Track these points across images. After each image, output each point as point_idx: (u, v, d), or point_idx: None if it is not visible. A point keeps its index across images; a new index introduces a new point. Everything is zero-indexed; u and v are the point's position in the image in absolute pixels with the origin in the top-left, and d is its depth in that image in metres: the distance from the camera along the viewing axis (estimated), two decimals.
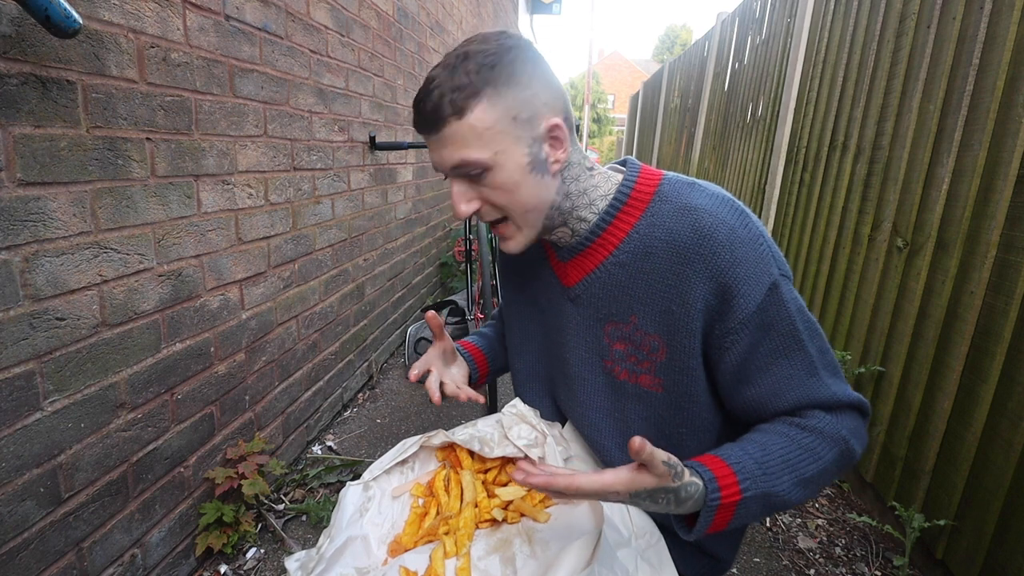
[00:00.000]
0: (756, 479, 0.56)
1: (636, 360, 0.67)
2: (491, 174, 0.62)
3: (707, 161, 4.44)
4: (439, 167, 0.64)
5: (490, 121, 0.59)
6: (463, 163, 0.61)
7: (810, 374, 0.62)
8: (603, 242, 0.68)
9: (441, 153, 0.62)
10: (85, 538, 1.04)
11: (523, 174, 0.62)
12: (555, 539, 0.57)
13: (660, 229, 0.64)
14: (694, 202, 0.63)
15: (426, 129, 0.62)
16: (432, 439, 0.72)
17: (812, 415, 0.62)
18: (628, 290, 0.66)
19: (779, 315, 0.62)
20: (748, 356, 0.62)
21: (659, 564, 0.61)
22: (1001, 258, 1.27)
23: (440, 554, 0.57)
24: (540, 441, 0.69)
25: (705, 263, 0.61)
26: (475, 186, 0.63)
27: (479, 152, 0.60)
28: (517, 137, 0.61)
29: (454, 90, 0.58)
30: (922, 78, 1.64)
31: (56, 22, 0.82)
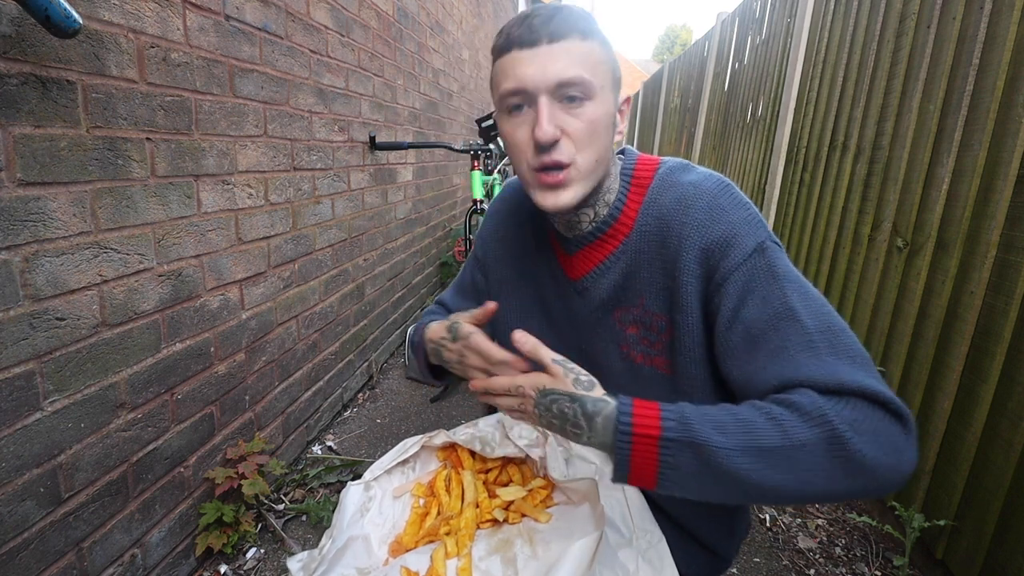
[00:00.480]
0: (686, 423, 0.50)
1: (649, 342, 0.67)
2: (589, 104, 0.60)
3: (707, 161, 4.44)
4: (536, 82, 0.59)
5: (603, 58, 0.61)
6: (577, 81, 0.58)
7: (805, 349, 0.54)
8: (613, 233, 0.68)
9: (550, 65, 0.58)
10: (85, 538, 1.04)
11: (608, 122, 0.62)
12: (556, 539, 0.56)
13: (655, 209, 0.65)
14: (682, 180, 0.65)
15: (540, 36, 0.58)
16: (433, 439, 0.72)
17: (798, 392, 0.52)
18: (634, 276, 0.67)
19: (765, 280, 0.58)
20: (731, 322, 0.59)
21: (660, 564, 0.61)
22: (1001, 258, 1.27)
23: (441, 554, 0.57)
24: (541, 441, 0.69)
25: (688, 232, 0.61)
26: (564, 115, 0.60)
27: (592, 76, 0.59)
28: (612, 87, 0.63)
29: (581, 17, 0.60)
30: (922, 78, 1.64)
31: (56, 22, 0.82)
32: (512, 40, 0.60)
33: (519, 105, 0.62)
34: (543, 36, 0.58)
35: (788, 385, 0.53)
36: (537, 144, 0.60)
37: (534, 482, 0.67)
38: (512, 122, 0.63)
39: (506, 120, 0.64)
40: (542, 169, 0.61)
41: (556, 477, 0.64)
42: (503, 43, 0.62)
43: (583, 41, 0.59)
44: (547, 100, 0.60)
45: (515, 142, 0.64)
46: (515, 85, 0.60)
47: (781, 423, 0.50)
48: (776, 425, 0.50)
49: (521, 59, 0.59)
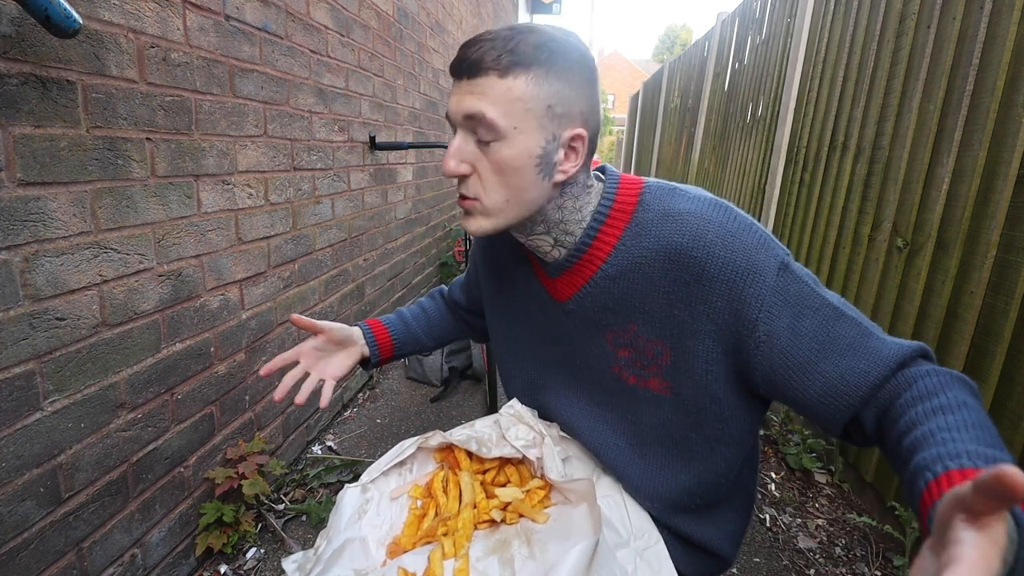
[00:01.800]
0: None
1: (642, 365, 0.66)
2: (499, 145, 0.59)
3: (707, 161, 4.44)
4: (452, 114, 0.61)
5: (526, 95, 0.57)
6: (479, 116, 0.58)
7: (869, 336, 0.58)
8: (590, 257, 0.66)
9: (463, 99, 0.59)
10: (85, 538, 1.05)
11: (528, 164, 0.60)
12: (553, 540, 0.56)
13: (647, 239, 0.63)
14: (677, 207, 0.62)
15: (462, 71, 0.59)
16: (429, 440, 0.72)
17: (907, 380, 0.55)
18: (623, 301, 0.65)
19: (802, 290, 0.59)
20: (792, 342, 0.58)
21: (658, 565, 0.61)
22: (1001, 258, 1.27)
23: (438, 555, 0.57)
24: (538, 442, 0.69)
25: (704, 265, 0.59)
26: (476, 150, 0.60)
27: (500, 116, 0.57)
28: (541, 126, 0.59)
29: (508, 51, 0.57)
30: (922, 78, 1.64)
31: (56, 22, 0.82)
32: (452, 65, 0.60)
33: (454, 133, 0.63)
34: (464, 70, 0.58)
35: (883, 377, 0.56)
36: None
37: (531, 483, 0.67)
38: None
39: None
40: (459, 196, 0.64)
41: (553, 478, 0.64)
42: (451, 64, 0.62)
43: (500, 79, 0.57)
44: (461, 134, 0.60)
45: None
46: (447, 111, 0.62)
47: (974, 409, 0.51)
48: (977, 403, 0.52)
49: (453, 87, 0.61)
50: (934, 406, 0.51)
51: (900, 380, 0.56)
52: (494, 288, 0.83)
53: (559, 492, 0.65)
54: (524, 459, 0.68)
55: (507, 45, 0.57)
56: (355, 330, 0.88)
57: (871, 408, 0.57)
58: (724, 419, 0.66)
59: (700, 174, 4.66)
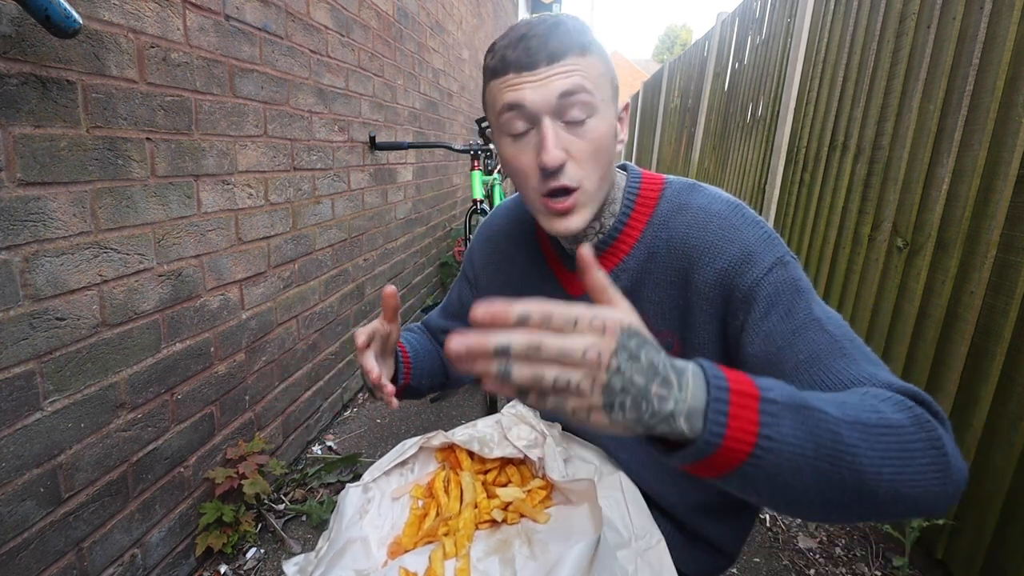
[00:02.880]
0: (783, 387, 0.42)
1: None
2: (592, 122, 0.58)
3: (707, 161, 4.44)
4: (536, 102, 0.57)
5: (603, 71, 0.60)
6: (578, 90, 0.56)
7: (840, 356, 0.52)
8: (614, 249, 0.68)
9: (550, 84, 0.56)
10: (85, 538, 1.04)
11: (611, 136, 0.61)
12: (554, 540, 0.56)
13: (661, 230, 0.65)
14: (690, 202, 0.64)
15: (539, 59, 0.56)
16: (431, 440, 0.72)
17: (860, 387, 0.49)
18: (637, 294, 0.66)
19: (787, 293, 0.57)
20: (753, 338, 0.57)
21: (659, 566, 0.61)
22: (1001, 258, 1.27)
23: (439, 555, 0.57)
24: (540, 442, 0.69)
25: (700, 253, 0.61)
26: (567, 135, 0.58)
27: (595, 90, 0.58)
28: (613, 99, 0.61)
29: (577, 31, 0.58)
30: (922, 78, 1.64)
31: (56, 22, 0.82)
32: (508, 63, 0.58)
33: (522, 131, 0.59)
34: (542, 58, 0.56)
35: (842, 387, 0.50)
36: (543, 169, 0.58)
37: (533, 482, 0.67)
38: (514, 147, 0.61)
39: (508, 145, 0.62)
40: (549, 195, 0.60)
41: (555, 478, 0.64)
42: (498, 65, 0.59)
43: (582, 57, 0.57)
44: (550, 122, 0.58)
45: (518, 167, 0.61)
46: (516, 108, 0.58)
47: (867, 402, 0.44)
48: (864, 402, 0.44)
49: (520, 82, 0.57)
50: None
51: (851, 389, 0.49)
52: (499, 289, 0.82)
53: (560, 492, 0.65)
54: (526, 459, 0.68)
55: (573, 27, 0.58)
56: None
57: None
58: None
59: (700, 174, 4.66)
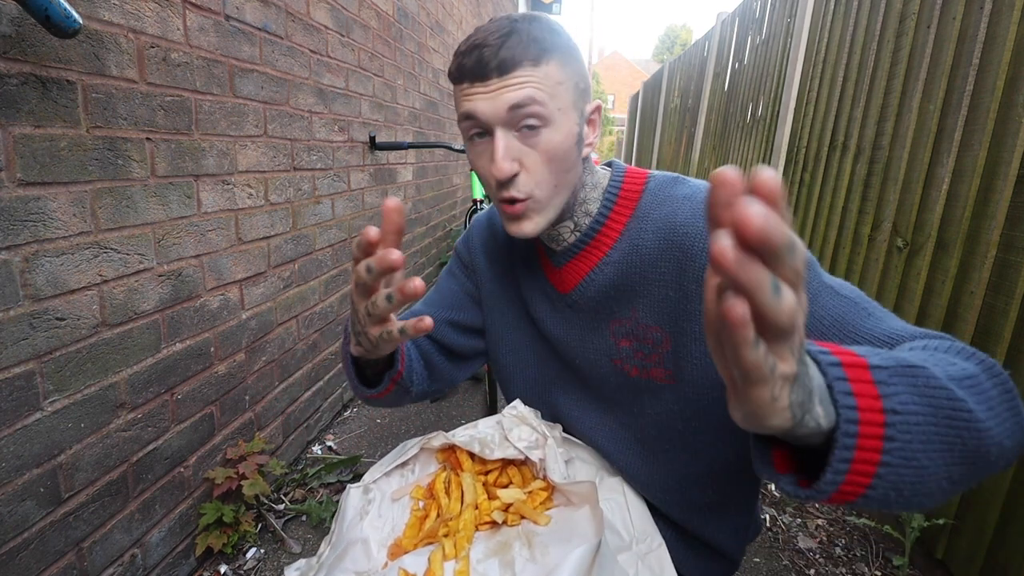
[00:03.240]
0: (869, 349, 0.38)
1: (643, 355, 0.66)
2: (546, 132, 0.58)
3: (707, 161, 4.44)
4: (487, 113, 0.57)
5: (561, 78, 0.58)
6: (528, 103, 0.56)
7: (865, 316, 0.52)
8: (597, 243, 0.68)
9: (500, 95, 0.56)
10: (85, 538, 1.04)
11: (571, 144, 0.60)
12: (555, 542, 0.56)
13: (646, 222, 0.65)
14: (676, 193, 0.64)
15: (489, 71, 0.56)
16: (432, 441, 0.72)
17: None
18: (624, 287, 0.66)
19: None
20: None
21: (660, 569, 0.61)
22: (1001, 258, 1.27)
23: (439, 556, 0.57)
24: (541, 443, 0.69)
25: (694, 241, 0.60)
26: (520, 146, 0.59)
27: (548, 100, 0.57)
28: (574, 104, 0.60)
29: (533, 40, 0.57)
30: (922, 78, 1.64)
31: (56, 22, 0.82)
32: (464, 72, 0.58)
33: (480, 133, 0.60)
34: (492, 69, 0.56)
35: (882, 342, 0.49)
36: (495, 179, 0.59)
37: (534, 484, 0.66)
38: (474, 151, 0.62)
39: (470, 148, 0.63)
40: (502, 201, 0.61)
41: (556, 479, 0.64)
42: (455, 71, 0.59)
43: (535, 68, 0.56)
44: (502, 133, 0.58)
45: (479, 171, 0.63)
46: (470, 116, 0.59)
47: (939, 354, 0.41)
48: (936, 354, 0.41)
49: (473, 93, 0.58)
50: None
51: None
52: (494, 292, 0.82)
53: (561, 494, 0.65)
54: (527, 460, 0.68)
55: (528, 35, 0.57)
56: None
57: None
58: (726, 405, 0.65)
59: (700, 174, 4.66)
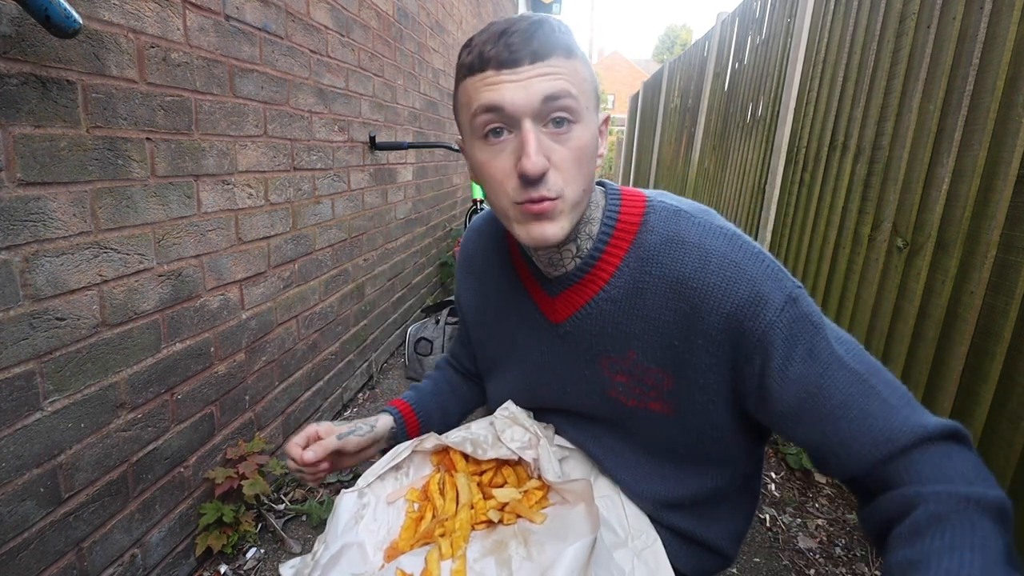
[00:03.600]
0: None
1: (642, 391, 0.64)
2: (578, 129, 0.54)
3: (707, 161, 4.44)
4: (518, 103, 0.52)
5: (587, 76, 0.56)
6: (563, 95, 0.53)
7: (868, 398, 0.52)
8: (594, 276, 0.63)
9: (534, 84, 0.52)
10: (85, 538, 1.05)
11: (594, 146, 0.57)
12: (551, 541, 0.56)
13: (651, 264, 0.60)
14: (683, 235, 0.59)
15: (522, 55, 0.52)
16: (424, 443, 0.71)
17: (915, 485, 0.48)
18: (623, 327, 0.62)
19: (804, 331, 0.54)
20: (781, 385, 0.54)
21: (656, 565, 0.61)
22: (1001, 258, 1.27)
23: (436, 556, 0.57)
24: (534, 443, 0.69)
25: (704, 296, 0.56)
26: (549, 142, 0.54)
27: (580, 95, 0.54)
28: (595, 108, 0.58)
29: (562, 32, 0.54)
30: (922, 78, 1.64)
31: (56, 22, 0.83)
32: (487, 59, 0.53)
33: (497, 130, 0.55)
34: (525, 55, 0.52)
35: (878, 457, 0.51)
36: (522, 176, 0.53)
37: (529, 483, 0.67)
38: (489, 150, 0.56)
39: (481, 148, 0.57)
40: (526, 201, 0.55)
41: (550, 478, 0.64)
42: (475, 61, 0.54)
43: (568, 60, 0.54)
44: (532, 126, 0.53)
45: (492, 173, 0.56)
46: (495, 110, 0.53)
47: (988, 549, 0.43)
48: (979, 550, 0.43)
49: (500, 80, 0.53)
50: (941, 546, 0.43)
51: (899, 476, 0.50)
52: (480, 316, 0.80)
53: (556, 492, 0.65)
54: (520, 460, 0.68)
55: (558, 27, 0.54)
56: (380, 428, 0.78)
57: (864, 482, 0.54)
58: (725, 443, 0.65)
59: (700, 174, 4.66)
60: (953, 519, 0.44)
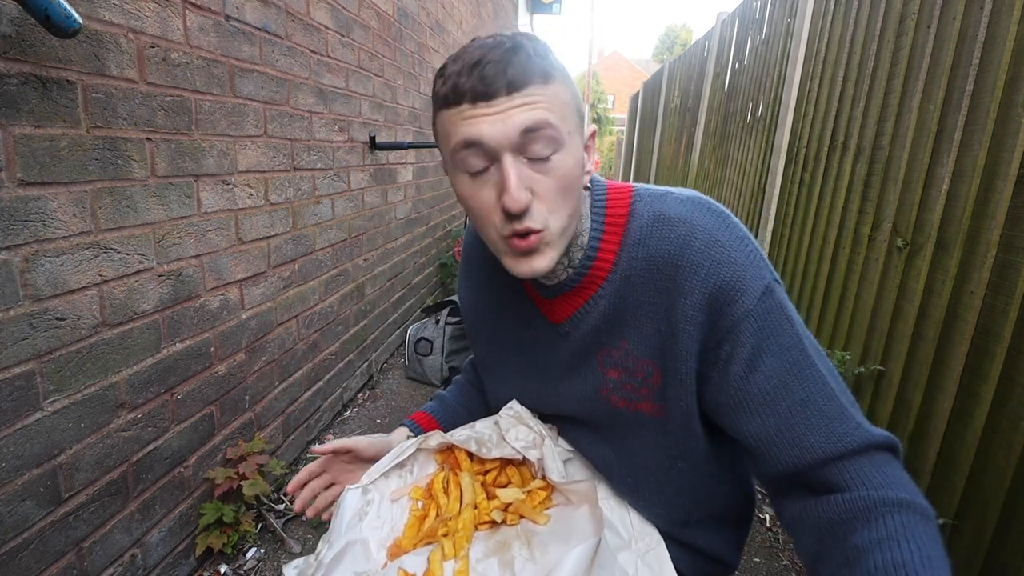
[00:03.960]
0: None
1: (632, 388, 0.63)
2: (560, 157, 0.53)
3: (707, 161, 4.44)
4: (495, 137, 0.51)
5: (567, 98, 0.54)
6: (542, 125, 0.51)
7: (829, 400, 0.53)
8: (591, 278, 0.63)
9: (511, 117, 0.50)
10: (85, 538, 1.04)
11: (579, 171, 0.55)
12: (554, 542, 0.56)
13: (639, 248, 0.59)
14: (667, 211, 0.58)
15: (496, 88, 0.50)
16: (429, 440, 0.71)
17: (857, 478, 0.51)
18: (616, 316, 0.62)
19: (779, 324, 0.54)
20: (749, 372, 0.54)
21: (659, 568, 0.61)
22: (1001, 258, 1.27)
23: (438, 556, 0.57)
24: (538, 443, 0.69)
25: (686, 274, 0.55)
26: (531, 173, 0.53)
27: (560, 122, 0.52)
28: (579, 128, 0.56)
29: (539, 56, 0.52)
30: (922, 78, 1.64)
31: (56, 22, 0.82)
32: (462, 92, 0.51)
33: (481, 168, 0.54)
34: (500, 87, 0.50)
35: (826, 457, 0.53)
36: (506, 212, 0.52)
37: (533, 483, 0.67)
38: (471, 184, 0.55)
39: (463, 181, 0.55)
40: (512, 235, 0.54)
41: (555, 479, 0.64)
42: (449, 94, 0.52)
43: (545, 85, 0.51)
44: (512, 159, 0.52)
45: (477, 207, 0.55)
46: (472, 143, 0.52)
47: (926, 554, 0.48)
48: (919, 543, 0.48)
49: (476, 114, 0.51)
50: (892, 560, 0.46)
51: (849, 479, 0.52)
52: (481, 318, 0.80)
53: (560, 493, 0.65)
54: (524, 460, 0.68)
55: (534, 51, 0.52)
56: (396, 436, 0.80)
57: (800, 484, 0.56)
58: (711, 443, 0.64)
59: (700, 174, 4.66)
60: (916, 528, 0.49)
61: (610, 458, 0.70)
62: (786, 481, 0.57)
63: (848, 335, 1.93)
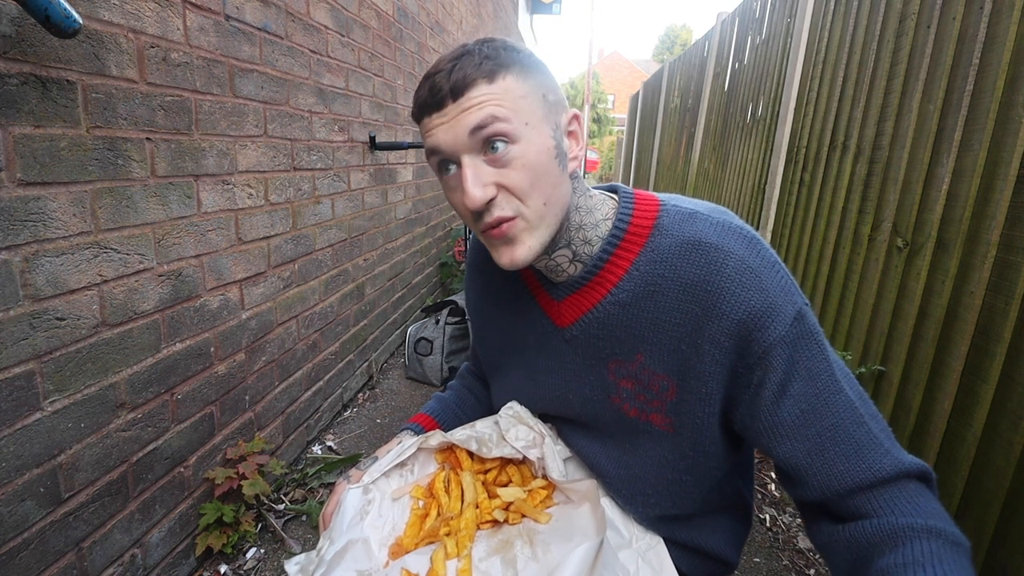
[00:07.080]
0: None
1: (645, 399, 0.63)
2: (518, 149, 0.54)
3: (707, 161, 4.44)
4: (448, 143, 0.54)
5: (521, 90, 0.55)
6: (489, 122, 0.53)
7: (859, 427, 0.54)
8: (601, 279, 0.63)
9: (459, 119, 0.53)
10: (85, 538, 1.04)
11: (549, 158, 0.56)
12: (556, 541, 0.56)
13: (664, 267, 0.59)
14: (699, 236, 0.58)
15: (443, 97, 0.54)
16: (429, 440, 0.72)
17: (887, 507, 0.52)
18: (632, 330, 0.62)
19: (809, 350, 0.55)
20: (779, 398, 0.55)
21: (660, 566, 0.61)
22: (1001, 258, 1.27)
23: (441, 555, 0.57)
24: (538, 442, 0.69)
25: (716, 300, 0.55)
26: (491, 169, 0.55)
27: (511, 114, 0.54)
28: (545, 116, 0.57)
29: (484, 59, 0.54)
30: (922, 78, 1.64)
31: (56, 22, 0.82)
32: (422, 106, 0.56)
33: (447, 167, 0.57)
34: (446, 95, 0.53)
35: (856, 486, 0.54)
36: (470, 211, 0.56)
37: (534, 483, 0.67)
38: (447, 185, 0.59)
39: (444, 186, 0.60)
40: (486, 228, 0.57)
41: (555, 478, 0.64)
42: (415, 110, 0.57)
43: (491, 84, 0.53)
44: (470, 160, 0.55)
45: (455, 206, 0.59)
46: (435, 151, 0.56)
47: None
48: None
49: (432, 124, 0.55)
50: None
51: (878, 507, 0.53)
52: (485, 320, 0.80)
53: (561, 492, 0.65)
54: (525, 459, 0.68)
55: (481, 55, 0.54)
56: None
57: (830, 511, 0.56)
58: (721, 460, 0.64)
59: (700, 174, 4.66)
60: (944, 555, 0.48)
61: (607, 464, 0.70)
62: (817, 507, 0.58)
63: (848, 335, 1.93)
